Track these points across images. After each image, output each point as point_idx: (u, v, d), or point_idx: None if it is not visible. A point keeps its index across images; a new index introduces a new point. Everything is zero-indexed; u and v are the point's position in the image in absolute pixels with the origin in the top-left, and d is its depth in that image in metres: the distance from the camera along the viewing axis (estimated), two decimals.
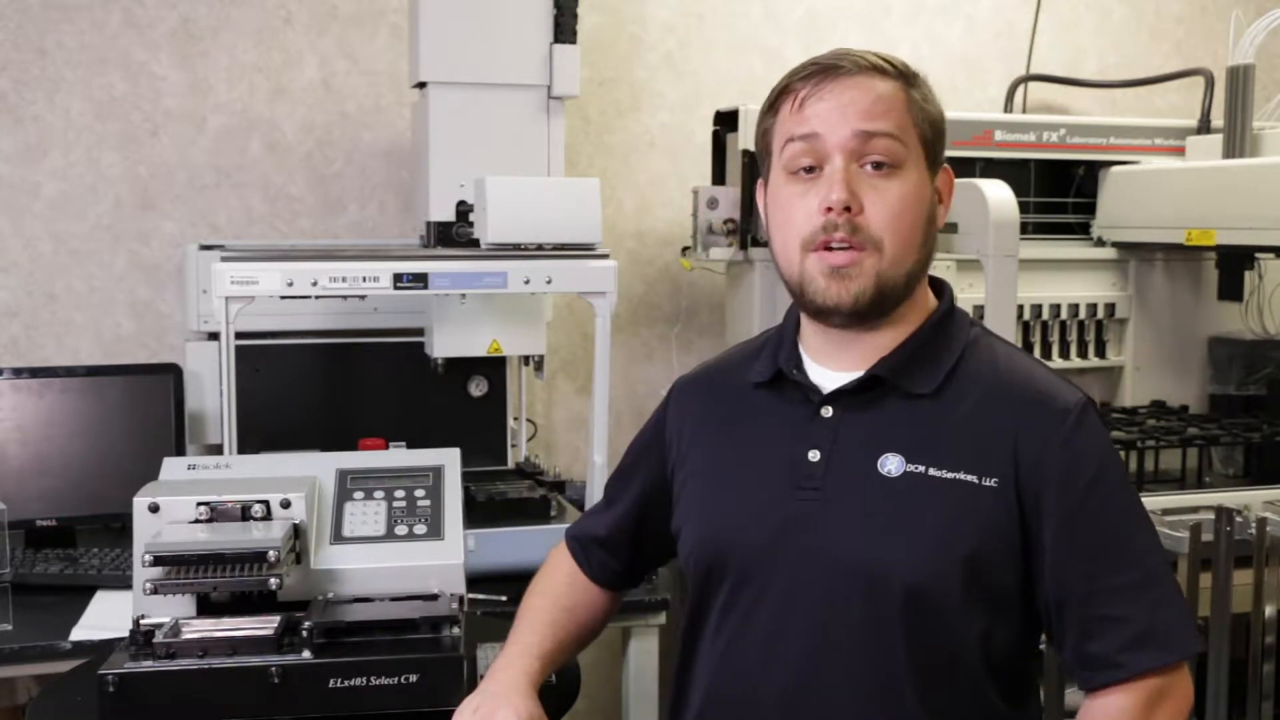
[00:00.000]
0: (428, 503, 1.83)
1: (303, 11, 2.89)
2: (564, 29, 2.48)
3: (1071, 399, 1.35)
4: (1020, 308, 2.91)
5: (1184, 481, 2.75)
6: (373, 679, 1.58)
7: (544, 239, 2.26)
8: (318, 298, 2.18)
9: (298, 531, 1.70)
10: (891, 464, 1.34)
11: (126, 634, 1.62)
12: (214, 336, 2.43)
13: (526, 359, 2.68)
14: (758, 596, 1.37)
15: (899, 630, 1.30)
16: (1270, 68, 3.50)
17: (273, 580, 1.59)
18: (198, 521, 1.68)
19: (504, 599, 2.12)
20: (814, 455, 1.37)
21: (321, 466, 1.85)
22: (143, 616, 1.63)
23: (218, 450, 2.42)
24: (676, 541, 1.49)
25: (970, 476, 1.31)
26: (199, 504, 1.69)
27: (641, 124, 3.14)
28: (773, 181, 1.41)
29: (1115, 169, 3.02)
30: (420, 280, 2.18)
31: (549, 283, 2.24)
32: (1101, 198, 3.06)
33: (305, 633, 1.59)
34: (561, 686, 1.64)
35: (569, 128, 2.65)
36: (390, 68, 2.94)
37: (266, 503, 1.70)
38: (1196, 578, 2.33)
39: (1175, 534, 2.34)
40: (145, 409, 2.51)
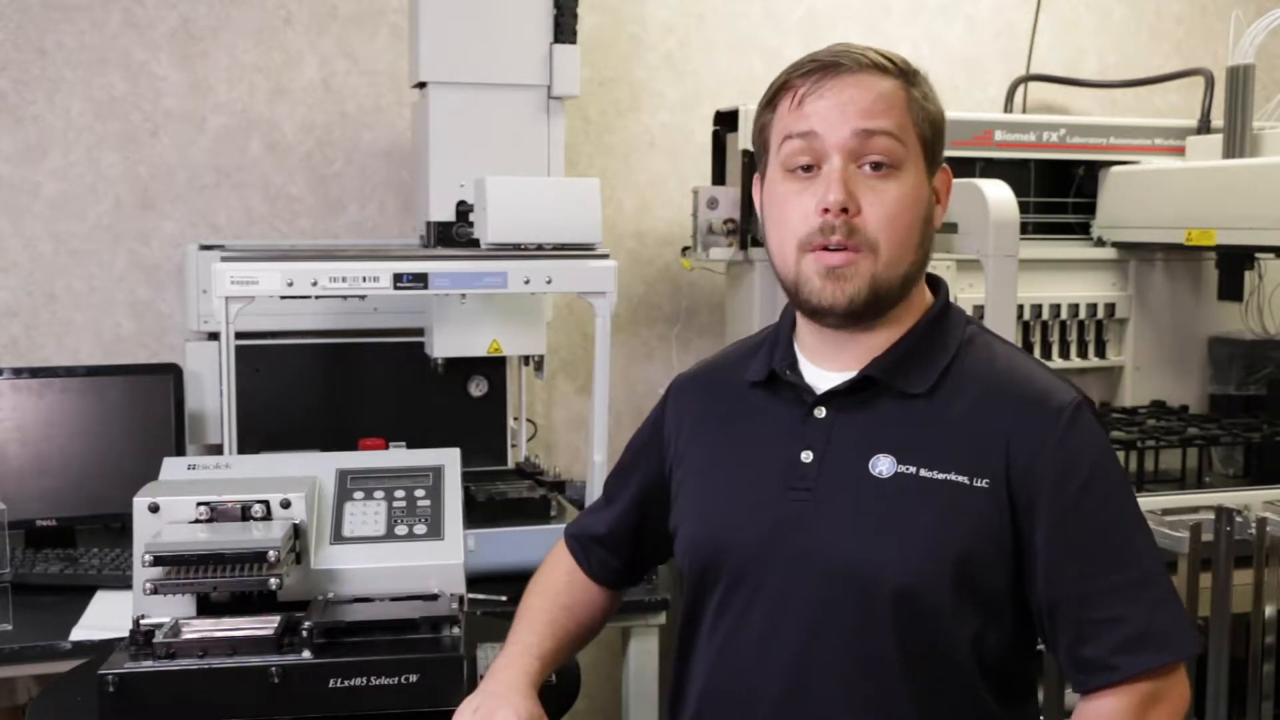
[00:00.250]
0: (428, 503, 1.83)
1: (303, 11, 2.89)
2: (564, 29, 2.48)
3: (1066, 398, 1.34)
4: (1020, 308, 2.91)
5: (1184, 481, 2.75)
6: (373, 679, 1.58)
7: (544, 239, 2.26)
8: (318, 298, 2.18)
9: (298, 531, 1.70)
10: (883, 465, 1.34)
11: (126, 634, 1.62)
12: (214, 336, 2.43)
13: (526, 359, 2.68)
14: (751, 597, 1.37)
15: (890, 631, 1.30)
16: (1270, 68, 3.50)
17: (273, 580, 1.59)
18: (198, 521, 1.68)
19: (504, 599, 2.12)
20: (807, 456, 1.37)
21: (321, 466, 1.85)
22: (143, 616, 1.63)
23: (218, 450, 2.42)
24: (674, 539, 1.49)
25: (961, 478, 1.31)
26: (199, 504, 1.69)
27: (641, 124, 3.14)
28: (770, 178, 1.40)
29: (1115, 169, 3.02)
30: (420, 280, 2.18)
31: (549, 283, 2.24)
32: (1101, 198, 3.06)
33: (305, 633, 1.59)
34: (561, 686, 1.64)
35: (569, 128, 2.65)
36: (390, 68, 2.94)
37: (266, 503, 1.70)
38: (1196, 578, 2.32)
39: (1175, 534, 2.34)
40: (145, 409, 2.51)
